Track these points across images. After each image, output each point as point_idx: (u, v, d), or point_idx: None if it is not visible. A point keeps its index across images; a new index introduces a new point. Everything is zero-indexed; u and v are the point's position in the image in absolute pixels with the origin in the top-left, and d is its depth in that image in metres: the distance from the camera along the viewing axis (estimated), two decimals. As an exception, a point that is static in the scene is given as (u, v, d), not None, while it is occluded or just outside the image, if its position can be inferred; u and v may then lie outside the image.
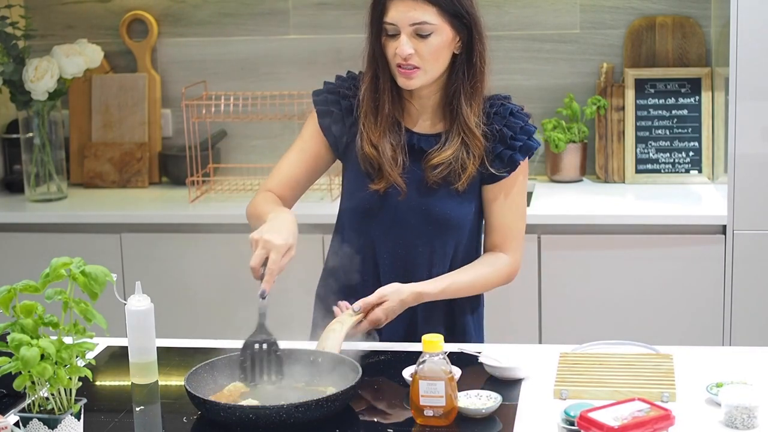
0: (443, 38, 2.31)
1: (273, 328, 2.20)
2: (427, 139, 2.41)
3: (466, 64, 2.37)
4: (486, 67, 2.40)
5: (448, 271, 2.43)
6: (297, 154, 2.47)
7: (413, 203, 2.40)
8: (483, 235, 2.52)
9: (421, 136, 2.41)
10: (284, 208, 2.37)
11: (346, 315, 2.30)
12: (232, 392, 2.13)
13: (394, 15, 2.30)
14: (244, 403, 2.06)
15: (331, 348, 2.23)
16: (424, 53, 2.30)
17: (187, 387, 2.03)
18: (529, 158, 2.45)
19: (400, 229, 2.40)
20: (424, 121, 2.43)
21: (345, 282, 2.45)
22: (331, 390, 2.07)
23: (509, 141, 2.40)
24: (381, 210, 2.40)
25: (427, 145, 2.40)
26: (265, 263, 2.19)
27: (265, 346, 2.17)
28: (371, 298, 2.29)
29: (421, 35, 2.30)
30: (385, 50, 2.35)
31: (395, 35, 2.31)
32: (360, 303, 2.28)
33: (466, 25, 2.34)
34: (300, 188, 2.49)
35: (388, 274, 2.42)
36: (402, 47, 2.29)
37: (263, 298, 2.18)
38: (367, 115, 2.39)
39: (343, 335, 2.25)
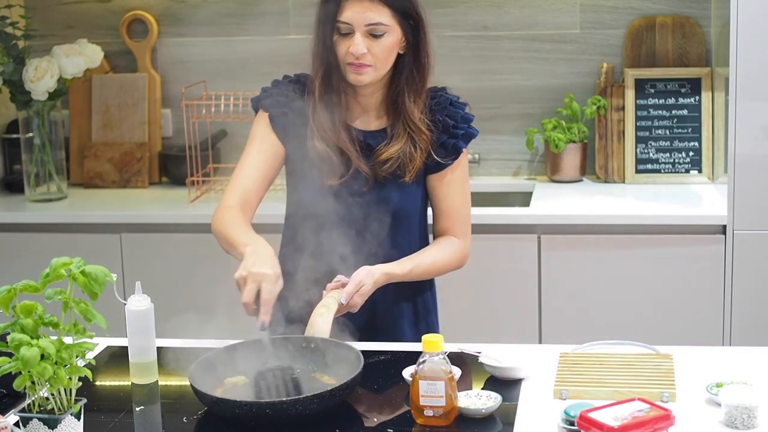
0: (394, 39, 2.39)
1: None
2: (372, 135, 2.48)
3: (413, 63, 2.45)
4: (431, 65, 2.48)
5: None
6: (255, 157, 2.50)
7: (364, 197, 2.45)
8: (433, 221, 2.56)
9: (366, 132, 2.48)
10: (256, 236, 2.36)
11: (330, 298, 2.31)
12: (236, 385, 2.14)
13: (349, 15, 2.37)
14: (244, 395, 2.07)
15: (320, 332, 2.24)
16: (376, 52, 2.38)
17: (195, 386, 2.03)
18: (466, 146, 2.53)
19: (351, 222, 2.45)
20: (366, 118, 2.50)
21: (299, 277, 2.45)
22: (332, 380, 2.09)
23: (452, 130, 2.48)
24: (331, 205, 2.45)
25: (373, 141, 2.47)
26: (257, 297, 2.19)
27: (279, 372, 2.14)
28: (351, 288, 2.31)
29: (374, 35, 2.37)
30: (335, 48, 2.40)
31: (348, 34, 2.38)
32: (344, 295, 2.30)
33: (413, 26, 2.42)
34: (262, 191, 2.52)
35: (340, 265, 2.45)
36: (356, 46, 2.36)
37: (264, 330, 2.17)
38: (320, 112, 2.44)
39: (331, 319, 2.27)
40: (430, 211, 2.59)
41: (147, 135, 4.18)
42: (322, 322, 2.26)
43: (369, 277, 2.35)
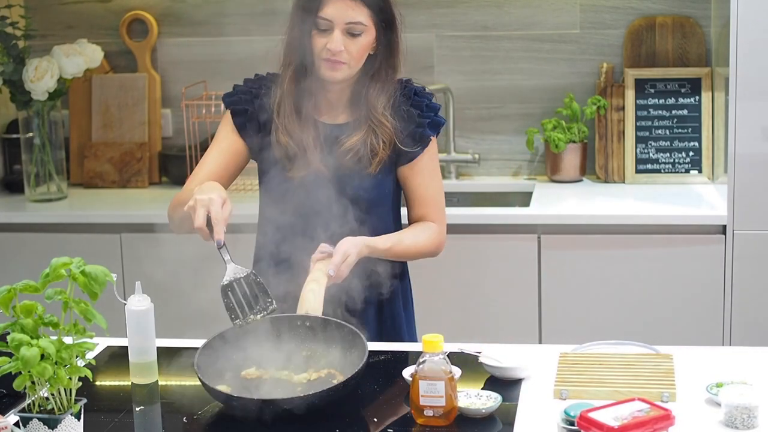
0: (369, 39, 2.43)
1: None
2: (339, 128, 2.51)
3: (384, 62, 2.48)
4: (401, 65, 2.52)
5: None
6: (215, 156, 2.55)
7: (331, 189, 2.47)
8: (408, 210, 2.59)
9: (332, 126, 2.51)
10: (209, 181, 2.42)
11: (318, 272, 2.32)
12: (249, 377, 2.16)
13: (330, 12, 2.39)
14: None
15: (314, 310, 2.26)
16: (352, 51, 2.41)
17: (206, 383, 2.04)
18: (437, 135, 2.55)
19: (321, 215, 2.47)
20: (333, 112, 2.53)
21: (275, 272, 2.48)
22: (336, 370, 2.12)
23: (417, 119, 2.51)
24: (301, 198, 2.48)
25: (339, 134, 2.51)
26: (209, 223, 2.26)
27: (243, 280, 2.23)
28: (338, 259, 2.33)
29: (352, 34, 2.41)
30: (311, 43, 2.43)
31: (326, 30, 2.41)
32: (332, 267, 2.32)
33: (387, 27, 2.46)
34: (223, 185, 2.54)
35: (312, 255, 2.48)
36: (335, 43, 2.39)
37: (220, 247, 2.25)
38: (287, 105, 2.47)
39: (322, 293, 2.28)
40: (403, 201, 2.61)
41: (147, 135, 4.18)
42: (313, 298, 2.28)
43: (353, 247, 2.37)
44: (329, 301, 2.35)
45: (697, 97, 3.87)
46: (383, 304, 2.57)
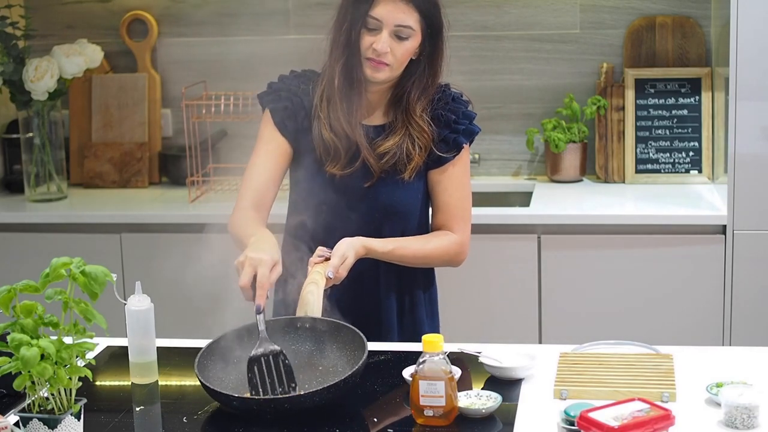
0: (415, 44, 2.42)
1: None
2: (375, 129, 2.50)
3: (428, 69, 2.47)
4: (443, 72, 2.52)
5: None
6: (263, 158, 2.53)
7: (363, 191, 2.47)
8: (431, 216, 2.58)
9: (369, 127, 2.50)
10: (263, 228, 2.42)
11: (317, 273, 2.30)
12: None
13: (381, 12, 2.38)
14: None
15: (312, 311, 2.24)
16: (397, 54, 2.41)
17: (207, 383, 2.05)
18: (470, 143, 2.54)
19: (350, 217, 2.48)
20: (371, 113, 2.52)
21: (300, 264, 2.47)
22: (338, 366, 2.12)
23: (453, 125, 2.50)
24: (332, 198, 2.47)
25: (375, 135, 2.50)
26: (254, 282, 2.21)
27: (271, 357, 2.14)
28: (336, 261, 2.32)
29: (400, 36, 2.40)
30: (359, 41, 2.41)
31: (375, 30, 2.40)
32: (331, 269, 2.31)
33: (433, 34, 2.45)
34: (274, 189, 2.55)
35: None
36: (382, 43, 2.38)
37: (259, 313, 2.18)
38: (336, 101, 2.45)
39: (321, 295, 2.27)
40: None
41: (147, 135, 4.18)
42: (313, 299, 2.26)
43: (351, 249, 2.36)
44: (350, 309, 2.35)
45: (697, 97, 3.87)
46: (405, 312, 2.57)
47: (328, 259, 2.34)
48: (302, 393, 1.99)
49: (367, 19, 2.39)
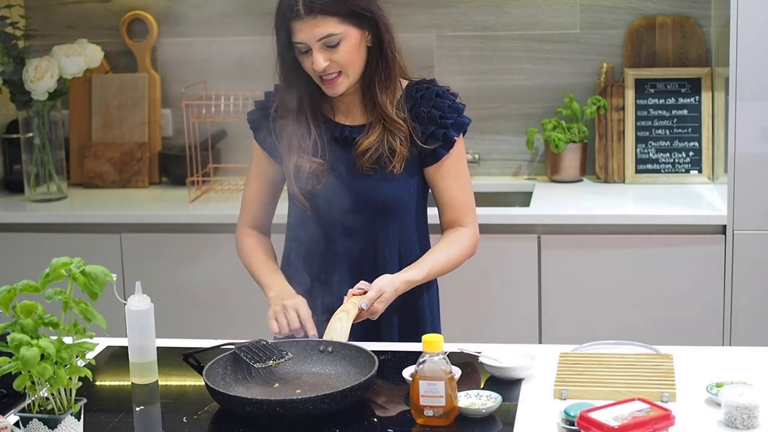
0: (352, 41, 2.42)
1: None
2: (357, 129, 2.51)
3: (378, 55, 2.47)
4: (397, 54, 2.50)
5: (396, 253, 2.54)
6: (256, 181, 2.62)
7: (352, 190, 2.49)
8: (439, 214, 2.59)
9: (352, 127, 2.52)
10: (275, 275, 2.54)
11: (351, 304, 2.36)
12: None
13: (300, 36, 2.40)
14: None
15: (338, 336, 2.29)
16: (339, 60, 2.41)
17: (209, 382, 2.05)
18: (463, 135, 2.55)
19: (343, 216, 2.49)
20: (351, 115, 2.54)
21: (300, 277, 2.55)
22: (347, 381, 2.12)
23: (440, 120, 2.50)
24: (323, 200, 2.49)
25: (356, 135, 2.51)
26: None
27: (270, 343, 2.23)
28: (372, 294, 2.37)
29: (330, 46, 2.40)
30: (302, 65, 2.45)
31: (307, 52, 2.41)
32: (365, 301, 2.35)
33: (369, 19, 2.43)
34: (271, 210, 2.65)
35: (337, 261, 2.52)
36: (317, 62, 2.40)
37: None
38: (307, 110, 2.49)
39: (350, 324, 2.32)
40: (431, 210, 2.61)
41: (147, 135, 4.18)
42: (340, 326, 2.31)
43: (390, 285, 2.40)
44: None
45: (697, 97, 3.87)
46: (405, 311, 2.57)
47: (366, 292, 2.38)
48: (295, 398, 1.98)
49: (296, 46, 2.41)
